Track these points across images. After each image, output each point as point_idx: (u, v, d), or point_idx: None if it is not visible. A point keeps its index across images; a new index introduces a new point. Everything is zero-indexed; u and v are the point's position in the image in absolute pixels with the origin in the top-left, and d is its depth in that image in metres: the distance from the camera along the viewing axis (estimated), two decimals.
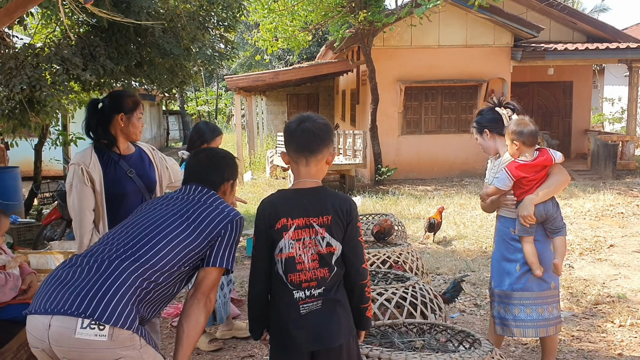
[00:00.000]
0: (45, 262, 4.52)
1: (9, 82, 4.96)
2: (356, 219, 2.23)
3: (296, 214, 2.18)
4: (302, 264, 2.17)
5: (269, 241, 2.20)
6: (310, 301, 2.17)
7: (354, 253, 2.22)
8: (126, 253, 2.08)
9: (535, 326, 3.33)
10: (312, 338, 2.16)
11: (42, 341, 1.95)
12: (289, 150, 2.25)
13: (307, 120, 2.24)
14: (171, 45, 5.75)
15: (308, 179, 2.24)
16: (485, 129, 3.46)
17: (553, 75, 14.48)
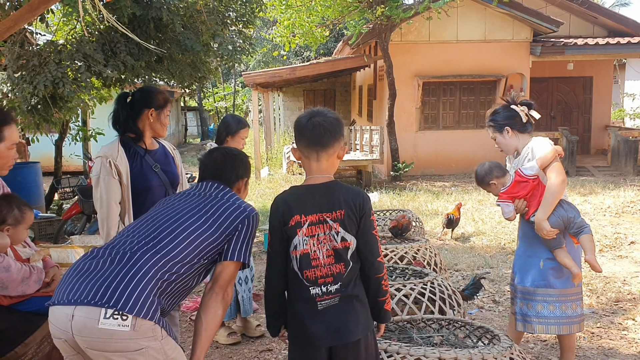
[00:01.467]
0: (66, 256, 4.57)
1: (33, 80, 5.03)
2: (369, 212, 2.23)
3: (309, 210, 2.19)
4: (317, 260, 2.18)
5: (284, 238, 2.22)
6: (327, 298, 2.18)
7: (368, 247, 2.22)
8: (147, 245, 2.12)
9: (559, 323, 3.33)
10: (329, 333, 2.17)
11: (65, 332, 1.98)
12: (300, 145, 2.26)
13: (317, 114, 2.24)
14: (192, 42, 5.79)
15: (319, 175, 2.24)
16: (506, 127, 3.36)
17: (573, 71, 14.31)
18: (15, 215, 2.54)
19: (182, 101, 28.66)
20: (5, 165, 2.53)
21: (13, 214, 2.54)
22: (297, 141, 2.27)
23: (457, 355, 2.54)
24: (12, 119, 2.54)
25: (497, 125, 3.41)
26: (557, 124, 15.11)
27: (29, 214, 2.60)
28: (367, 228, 2.22)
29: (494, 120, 3.43)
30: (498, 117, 3.41)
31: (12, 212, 2.54)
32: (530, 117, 3.36)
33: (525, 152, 3.34)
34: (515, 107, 3.38)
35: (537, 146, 3.26)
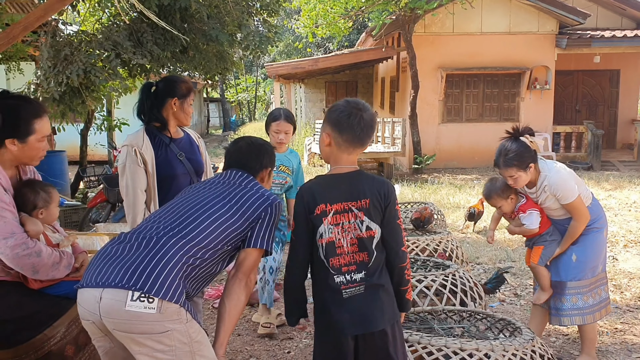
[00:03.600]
0: (91, 243, 4.66)
1: (66, 69, 5.12)
2: (394, 202, 2.25)
3: (334, 199, 2.22)
4: (341, 248, 2.20)
5: (309, 227, 2.24)
6: (352, 286, 2.20)
7: (392, 236, 2.24)
8: (173, 231, 2.16)
9: (592, 312, 3.42)
10: (354, 322, 2.19)
11: (93, 314, 2.03)
12: (340, 138, 2.24)
13: (364, 109, 2.25)
14: (217, 32, 5.82)
15: (347, 165, 2.27)
16: (530, 164, 3.25)
17: (599, 64, 14.06)
18: (43, 197, 2.61)
19: (205, 92, 28.82)
20: (36, 157, 2.58)
21: (41, 196, 2.60)
22: (335, 132, 2.25)
23: (479, 346, 2.55)
24: (44, 111, 2.57)
25: (523, 164, 3.24)
26: (582, 118, 14.91)
27: (54, 192, 2.68)
28: (392, 217, 2.24)
29: (519, 160, 3.23)
30: (520, 156, 3.24)
31: (39, 195, 2.60)
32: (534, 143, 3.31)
33: (542, 185, 3.32)
34: (524, 139, 3.28)
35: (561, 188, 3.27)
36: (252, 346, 3.94)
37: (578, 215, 3.30)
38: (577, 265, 3.38)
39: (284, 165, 4.11)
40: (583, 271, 3.38)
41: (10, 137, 2.46)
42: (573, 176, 3.35)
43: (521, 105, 13.77)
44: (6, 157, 2.50)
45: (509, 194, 3.45)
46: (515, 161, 3.24)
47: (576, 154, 13.59)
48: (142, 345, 2.01)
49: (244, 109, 40.58)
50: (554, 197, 3.30)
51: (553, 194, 3.29)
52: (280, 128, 4.04)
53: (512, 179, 3.29)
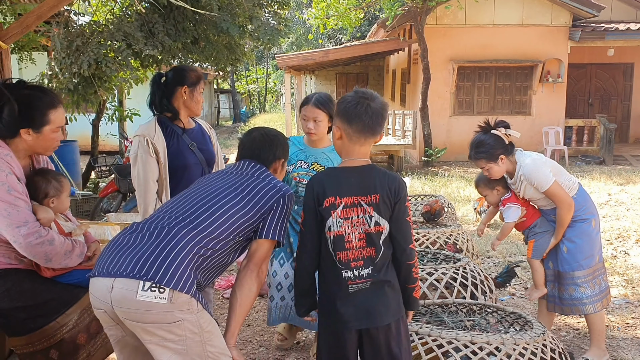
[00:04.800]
0: (102, 232, 4.70)
1: (77, 60, 5.14)
2: (404, 198, 2.22)
3: (344, 192, 2.19)
4: (350, 243, 2.19)
5: (317, 218, 2.23)
6: (359, 282, 2.19)
7: (401, 232, 2.21)
8: (184, 221, 2.16)
9: (593, 302, 3.43)
10: (359, 316, 2.19)
11: (105, 303, 2.04)
12: (350, 129, 2.21)
13: (371, 99, 2.21)
14: (228, 23, 5.81)
15: (358, 158, 2.24)
16: (501, 155, 3.33)
17: (613, 57, 13.91)
18: (55, 186, 2.63)
19: (215, 83, 28.85)
20: (50, 147, 2.60)
21: (52, 185, 2.62)
22: (345, 123, 2.22)
23: (489, 340, 2.54)
24: (59, 102, 2.58)
25: (491, 155, 3.34)
26: (595, 111, 14.78)
27: (65, 181, 2.70)
28: (401, 214, 2.21)
29: (487, 152, 3.34)
30: (489, 148, 3.34)
31: (51, 183, 2.62)
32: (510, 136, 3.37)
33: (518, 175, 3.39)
34: (496, 132, 3.35)
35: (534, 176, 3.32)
36: (262, 336, 3.95)
37: (559, 202, 3.34)
38: (569, 256, 3.43)
39: (318, 163, 3.40)
40: (576, 262, 3.41)
41: (25, 127, 2.47)
42: (550, 165, 3.40)
43: (533, 99, 13.68)
44: (20, 147, 2.52)
45: (494, 185, 3.53)
46: (483, 153, 3.35)
47: (588, 147, 13.48)
48: (153, 334, 2.02)
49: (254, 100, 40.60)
50: (531, 186, 3.36)
51: (529, 183, 3.35)
52: (307, 114, 3.35)
53: (486, 171, 3.40)
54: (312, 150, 3.40)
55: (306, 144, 3.43)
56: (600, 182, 10.06)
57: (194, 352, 2.07)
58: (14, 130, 2.47)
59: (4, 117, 2.45)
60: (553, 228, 3.47)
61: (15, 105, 2.43)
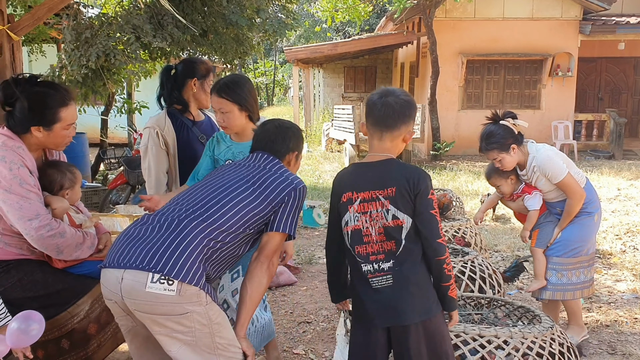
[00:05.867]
0: (111, 224, 4.73)
1: (87, 52, 5.16)
2: (426, 191, 2.14)
3: (361, 187, 2.18)
4: (369, 237, 2.17)
5: (338, 214, 2.25)
6: (379, 275, 2.16)
7: (425, 227, 2.14)
8: (195, 213, 2.17)
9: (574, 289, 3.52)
10: (383, 313, 2.17)
11: (115, 294, 2.06)
12: (367, 122, 2.23)
13: (390, 94, 2.20)
14: (236, 16, 5.81)
15: (379, 153, 2.22)
16: (512, 145, 3.34)
17: (624, 51, 13.81)
18: (70, 177, 2.66)
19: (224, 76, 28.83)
20: (61, 143, 2.61)
21: (67, 177, 2.65)
22: (366, 117, 2.25)
23: (497, 333, 2.54)
24: (71, 99, 2.58)
25: (503, 145, 3.34)
26: (605, 106, 14.68)
27: (78, 172, 2.73)
28: (424, 207, 2.13)
29: (499, 142, 3.35)
30: (500, 138, 3.35)
31: (66, 175, 2.64)
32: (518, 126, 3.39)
33: (530, 166, 3.39)
34: (504, 122, 3.36)
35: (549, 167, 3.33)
36: None
37: (572, 193, 3.35)
38: (559, 242, 3.47)
39: None
40: (564, 249, 3.46)
41: (36, 124, 2.48)
42: (562, 156, 3.42)
43: (542, 93, 13.61)
44: (32, 142, 2.54)
45: (509, 175, 3.52)
46: (495, 144, 3.35)
47: (597, 142, 13.40)
48: (162, 326, 2.04)
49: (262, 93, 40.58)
50: (544, 177, 3.37)
51: (543, 174, 3.36)
52: (213, 105, 2.87)
53: (498, 161, 3.40)
54: (239, 146, 2.93)
55: (232, 139, 2.96)
56: (610, 177, 10.00)
57: (203, 344, 2.08)
58: (25, 126, 2.48)
59: (16, 113, 2.47)
60: (557, 220, 3.50)
61: (25, 102, 2.44)
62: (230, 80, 2.87)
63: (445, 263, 2.15)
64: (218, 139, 2.97)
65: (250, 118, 2.89)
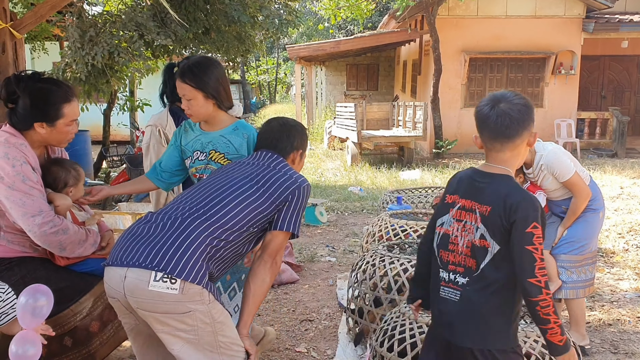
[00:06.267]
0: (114, 222, 4.74)
1: (91, 50, 5.17)
2: (524, 222, 1.89)
3: (465, 194, 2.04)
4: (455, 245, 2.03)
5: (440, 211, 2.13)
6: (451, 286, 2.03)
7: (516, 262, 1.90)
8: (198, 212, 2.17)
9: (575, 287, 3.50)
10: (442, 324, 2.06)
11: (118, 291, 2.06)
12: (482, 135, 2.03)
13: (502, 100, 1.98)
14: (239, 13, 5.82)
15: (496, 164, 2.02)
16: None
17: (627, 49, 13.76)
18: (74, 175, 2.67)
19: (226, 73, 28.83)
20: (64, 140, 2.62)
21: (71, 174, 2.66)
22: (478, 130, 2.05)
23: None
24: (74, 95, 2.59)
25: None
26: (608, 104, 14.65)
27: (81, 170, 2.74)
28: (517, 239, 1.90)
29: None
30: None
31: (70, 173, 2.66)
32: None
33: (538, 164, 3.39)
34: None
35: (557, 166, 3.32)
36: (272, 326, 3.97)
37: (578, 192, 3.36)
38: (566, 240, 3.47)
39: (217, 151, 2.72)
40: (572, 246, 3.46)
41: (39, 120, 2.49)
42: (569, 155, 3.41)
43: (545, 91, 13.58)
44: (35, 138, 2.55)
45: (517, 173, 3.52)
46: None
47: (600, 140, 13.38)
48: (165, 324, 2.04)
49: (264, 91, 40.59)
50: (551, 175, 3.37)
51: (550, 172, 3.35)
52: (178, 90, 2.67)
53: None
54: (208, 136, 2.75)
55: (202, 128, 2.78)
56: (613, 175, 9.98)
57: (206, 342, 2.08)
58: (28, 123, 2.49)
59: (19, 110, 2.47)
60: (559, 219, 3.51)
61: (28, 99, 2.45)
62: (195, 63, 2.64)
63: (539, 305, 1.88)
64: (186, 128, 2.82)
65: (219, 106, 2.70)
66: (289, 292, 4.65)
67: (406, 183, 9.75)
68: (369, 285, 3.47)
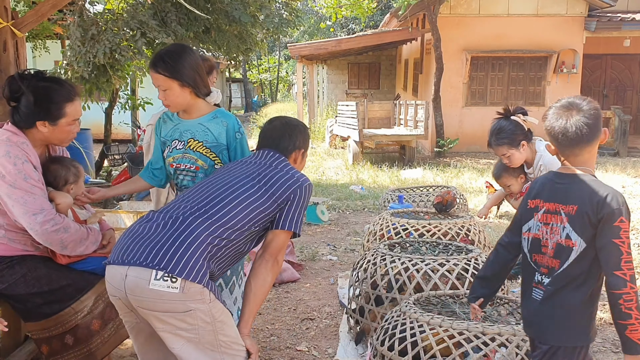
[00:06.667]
0: (115, 220, 4.74)
1: (92, 48, 5.18)
2: (611, 216, 1.93)
3: (548, 197, 2.09)
4: (546, 248, 2.09)
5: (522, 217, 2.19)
6: (539, 287, 2.10)
7: (603, 255, 1.95)
8: (200, 211, 2.17)
9: None
10: (527, 322, 2.16)
11: (119, 290, 2.06)
12: (561, 145, 2.06)
13: (574, 108, 2.03)
14: (239, 12, 5.82)
15: (572, 166, 2.08)
16: (522, 141, 3.30)
17: (629, 47, 13.74)
18: (74, 172, 2.68)
19: (227, 72, 28.87)
20: (66, 139, 2.63)
21: (71, 171, 2.67)
22: (554, 141, 2.07)
23: (500, 331, 2.54)
24: (76, 94, 2.60)
25: (513, 141, 3.30)
26: (610, 103, 14.63)
27: (81, 167, 2.76)
28: (605, 233, 1.94)
29: (509, 138, 3.30)
30: (510, 133, 3.30)
31: (70, 170, 2.67)
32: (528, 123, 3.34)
33: (537, 164, 3.37)
34: (516, 118, 3.31)
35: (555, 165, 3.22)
36: (273, 325, 3.98)
37: None
38: None
39: (195, 139, 2.69)
40: None
41: (42, 119, 2.49)
42: None
43: (547, 89, 13.57)
44: (37, 137, 2.55)
45: (519, 173, 3.53)
46: (505, 139, 3.30)
47: None
48: (166, 323, 2.04)
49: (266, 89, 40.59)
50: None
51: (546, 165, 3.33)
52: (153, 81, 2.63)
53: (506, 157, 3.36)
54: (186, 124, 2.71)
55: (180, 116, 2.76)
56: (614, 174, 9.97)
57: (206, 341, 2.08)
58: (30, 122, 2.49)
59: (22, 108, 2.48)
60: None
61: (31, 97, 2.45)
62: (167, 52, 2.59)
63: (622, 299, 1.91)
64: (164, 119, 2.80)
65: (197, 94, 2.66)
66: (290, 290, 4.65)
67: (407, 182, 9.74)
68: (370, 284, 3.47)
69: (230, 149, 2.71)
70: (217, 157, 2.68)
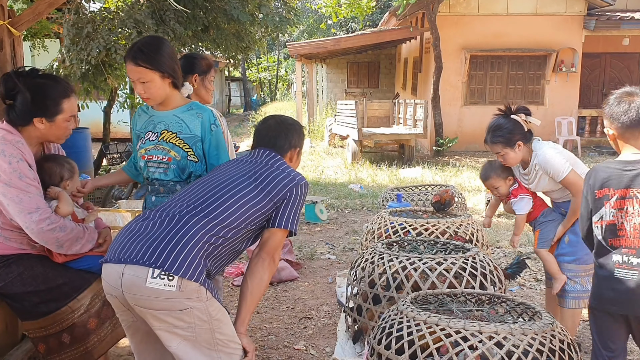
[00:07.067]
0: (113, 219, 4.74)
1: (87, 46, 5.17)
2: None
3: (617, 184, 2.26)
4: (623, 231, 2.25)
5: (589, 207, 2.35)
6: (626, 268, 2.24)
7: None
8: (196, 209, 2.17)
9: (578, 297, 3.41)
10: (620, 302, 2.27)
11: (116, 288, 2.06)
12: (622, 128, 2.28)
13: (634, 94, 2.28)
14: (237, 11, 5.82)
15: (635, 152, 2.29)
16: (519, 142, 3.24)
17: (628, 46, 13.75)
18: (68, 168, 2.69)
19: (226, 71, 28.86)
20: (63, 136, 2.63)
21: (66, 167, 2.69)
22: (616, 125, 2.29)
23: (497, 329, 2.53)
24: (72, 91, 2.61)
25: (509, 141, 3.24)
26: None
27: (74, 163, 2.76)
28: None
29: (505, 137, 3.24)
30: (507, 132, 3.24)
31: (64, 166, 2.68)
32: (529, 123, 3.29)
33: (533, 164, 3.31)
34: (516, 117, 3.26)
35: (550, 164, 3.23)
36: (270, 324, 3.98)
37: (576, 191, 3.23)
38: (569, 248, 3.36)
39: (169, 130, 2.66)
40: (575, 255, 3.34)
41: (39, 116, 2.49)
42: (565, 154, 3.31)
43: (546, 88, 13.57)
44: (33, 135, 2.55)
45: (507, 175, 3.46)
46: (501, 137, 3.25)
47: (601, 138, 13.37)
48: (162, 321, 2.04)
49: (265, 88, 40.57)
50: (547, 175, 3.28)
51: (545, 172, 3.27)
52: (131, 75, 2.59)
53: (500, 156, 3.31)
54: (160, 115, 2.69)
55: (155, 109, 2.73)
56: None
57: (203, 339, 2.08)
58: (27, 119, 2.49)
59: (18, 105, 2.47)
60: (560, 218, 3.42)
61: (27, 94, 2.45)
62: (145, 43, 2.56)
63: None
64: (139, 113, 2.79)
65: (175, 85, 2.64)
66: (288, 289, 4.65)
67: (406, 181, 9.75)
68: (368, 282, 3.47)
69: (205, 141, 2.67)
70: (190, 149, 2.65)
